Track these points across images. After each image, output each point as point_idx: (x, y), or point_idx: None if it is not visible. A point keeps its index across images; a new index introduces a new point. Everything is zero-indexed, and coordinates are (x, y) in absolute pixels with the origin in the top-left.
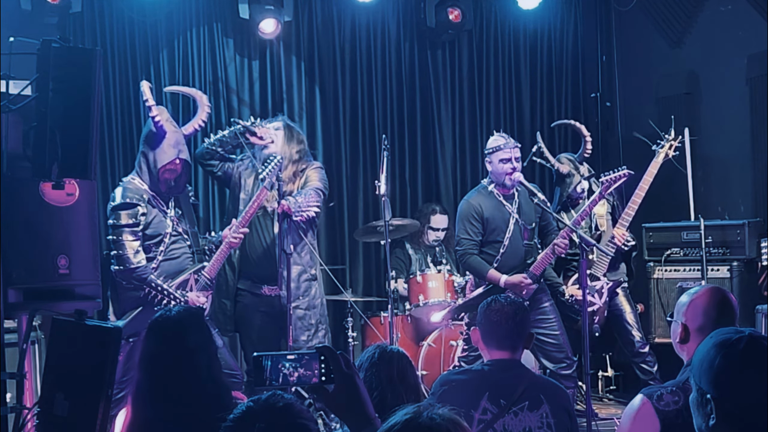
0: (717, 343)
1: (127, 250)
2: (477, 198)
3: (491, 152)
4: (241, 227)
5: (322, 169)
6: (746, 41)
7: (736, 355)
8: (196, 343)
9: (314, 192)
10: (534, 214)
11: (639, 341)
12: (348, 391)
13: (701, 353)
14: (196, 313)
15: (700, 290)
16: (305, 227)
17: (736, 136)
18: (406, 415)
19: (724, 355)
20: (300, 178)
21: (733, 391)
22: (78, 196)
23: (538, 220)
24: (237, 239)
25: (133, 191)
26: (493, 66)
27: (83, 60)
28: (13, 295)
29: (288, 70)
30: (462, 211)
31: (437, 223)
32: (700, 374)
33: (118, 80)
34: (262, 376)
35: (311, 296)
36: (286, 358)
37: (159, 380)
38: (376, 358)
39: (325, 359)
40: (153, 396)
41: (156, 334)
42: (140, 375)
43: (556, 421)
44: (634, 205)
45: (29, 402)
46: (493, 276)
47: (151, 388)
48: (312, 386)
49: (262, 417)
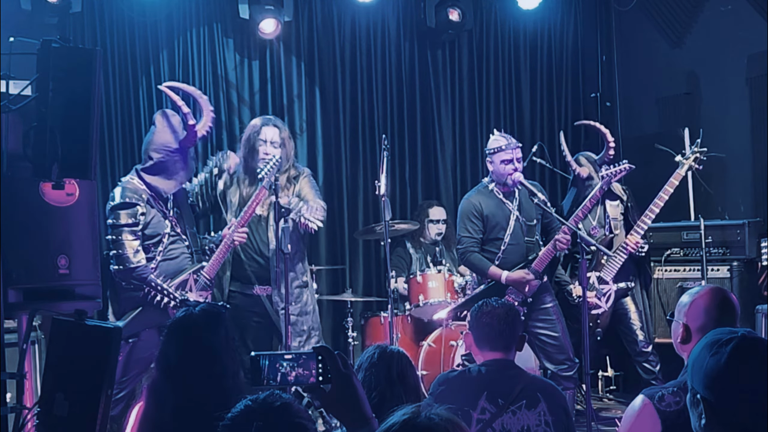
0: (707, 344)
1: (127, 249)
2: (477, 196)
3: (493, 153)
4: (239, 226)
5: (312, 177)
6: (746, 41)
7: (725, 355)
8: (217, 343)
9: (321, 208)
10: (535, 211)
11: (642, 341)
12: (345, 390)
13: (694, 354)
14: (217, 313)
15: (701, 290)
16: (296, 234)
17: (736, 136)
18: (405, 415)
19: (713, 355)
20: (294, 186)
21: (723, 391)
22: (78, 196)
23: (540, 217)
24: (240, 238)
25: (132, 191)
26: (493, 66)
27: (83, 60)
28: (13, 295)
29: (288, 70)
30: (462, 209)
31: (436, 214)
32: (693, 375)
33: (118, 80)
34: (260, 376)
35: (303, 303)
36: (283, 357)
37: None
38: (376, 359)
39: (323, 359)
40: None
41: (177, 334)
42: (158, 374)
43: (554, 419)
44: (651, 213)
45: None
46: (494, 273)
47: (168, 387)
48: (309, 386)
49: (260, 416)
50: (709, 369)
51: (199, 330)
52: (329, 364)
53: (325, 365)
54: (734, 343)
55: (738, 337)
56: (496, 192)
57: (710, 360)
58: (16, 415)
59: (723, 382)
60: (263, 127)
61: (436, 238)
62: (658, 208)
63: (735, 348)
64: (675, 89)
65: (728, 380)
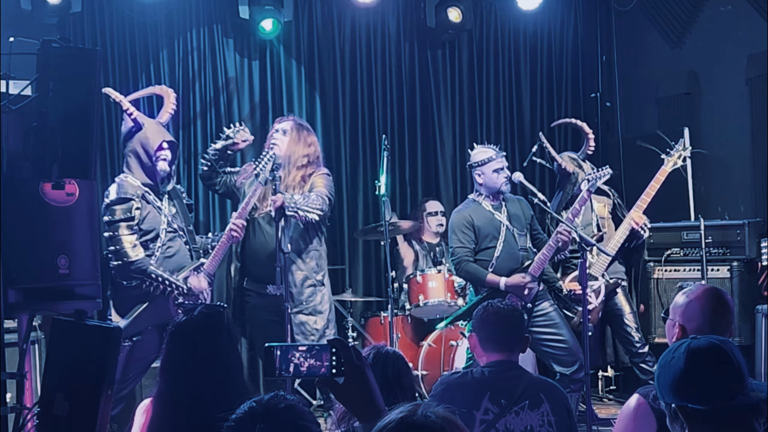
0: (662, 360)
1: (125, 244)
2: (466, 209)
3: (483, 164)
4: (237, 218)
5: (329, 176)
6: (746, 41)
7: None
8: (220, 344)
9: (317, 196)
10: (524, 220)
11: (638, 341)
12: (358, 383)
13: (656, 373)
14: (218, 314)
15: (696, 291)
16: (311, 233)
17: (736, 136)
18: (401, 413)
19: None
20: (307, 184)
21: (692, 388)
22: (78, 196)
23: (528, 227)
24: (237, 230)
25: (127, 187)
26: (493, 66)
27: (83, 60)
28: (13, 295)
29: (288, 70)
30: (453, 221)
31: (433, 206)
32: (661, 390)
33: (118, 80)
34: (273, 366)
35: (316, 302)
36: (297, 349)
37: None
38: (371, 359)
39: (336, 351)
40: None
41: (179, 338)
42: (163, 379)
43: (557, 419)
44: (639, 210)
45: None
46: (492, 280)
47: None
48: (322, 378)
49: (264, 418)
50: (674, 376)
51: (201, 332)
52: (343, 356)
53: (339, 357)
54: (686, 345)
55: (687, 340)
56: (485, 204)
57: (671, 368)
58: (16, 415)
59: (690, 380)
60: (283, 120)
61: (438, 229)
62: (644, 203)
63: (689, 348)
64: (675, 89)
65: (693, 376)
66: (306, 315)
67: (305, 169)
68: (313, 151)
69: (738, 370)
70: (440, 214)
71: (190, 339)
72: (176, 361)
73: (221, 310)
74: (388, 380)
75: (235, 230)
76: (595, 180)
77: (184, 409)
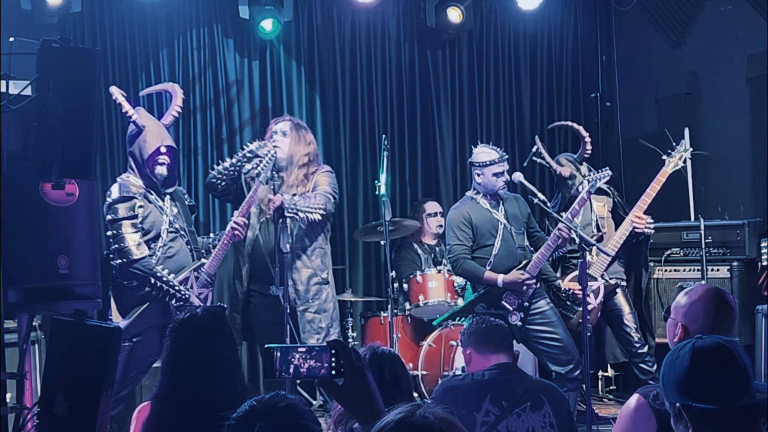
0: (667, 360)
1: (128, 242)
2: (464, 207)
3: (484, 165)
4: (239, 216)
5: (332, 173)
6: (746, 41)
7: (687, 356)
8: (221, 344)
9: (320, 195)
10: (522, 219)
11: (638, 342)
12: (358, 384)
13: (661, 373)
14: (218, 315)
15: (698, 291)
16: (316, 231)
17: (736, 136)
18: (399, 413)
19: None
20: (310, 182)
21: (697, 387)
22: (78, 196)
23: (525, 226)
24: (238, 228)
25: (129, 186)
26: (493, 66)
27: (83, 60)
28: (13, 295)
29: (288, 71)
30: (450, 219)
31: (432, 207)
32: (666, 389)
33: (118, 80)
34: (273, 368)
35: (322, 300)
36: (296, 350)
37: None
38: (367, 360)
39: (336, 352)
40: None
41: (182, 337)
42: (164, 377)
43: (559, 421)
44: (639, 210)
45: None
46: (490, 277)
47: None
48: (322, 379)
49: (264, 417)
50: (679, 375)
51: (203, 332)
52: (342, 357)
53: (338, 358)
54: (692, 344)
55: (693, 339)
56: (483, 202)
57: (676, 367)
58: (16, 415)
59: (695, 379)
60: (280, 121)
61: (438, 230)
62: (645, 204)
63: (694, 347)
64: (675, 89)
65: (699, 376)
66: (312, 313)
67: (306, 167)
68: (312, 149)
69: (743, 370)
70: (439, 215)
71: (190, 338)
72: (177, 360)
73: (221, 310)
74: (386, 381)
75: (236, 228)
76: (595, 182)
77: (185, 408)
